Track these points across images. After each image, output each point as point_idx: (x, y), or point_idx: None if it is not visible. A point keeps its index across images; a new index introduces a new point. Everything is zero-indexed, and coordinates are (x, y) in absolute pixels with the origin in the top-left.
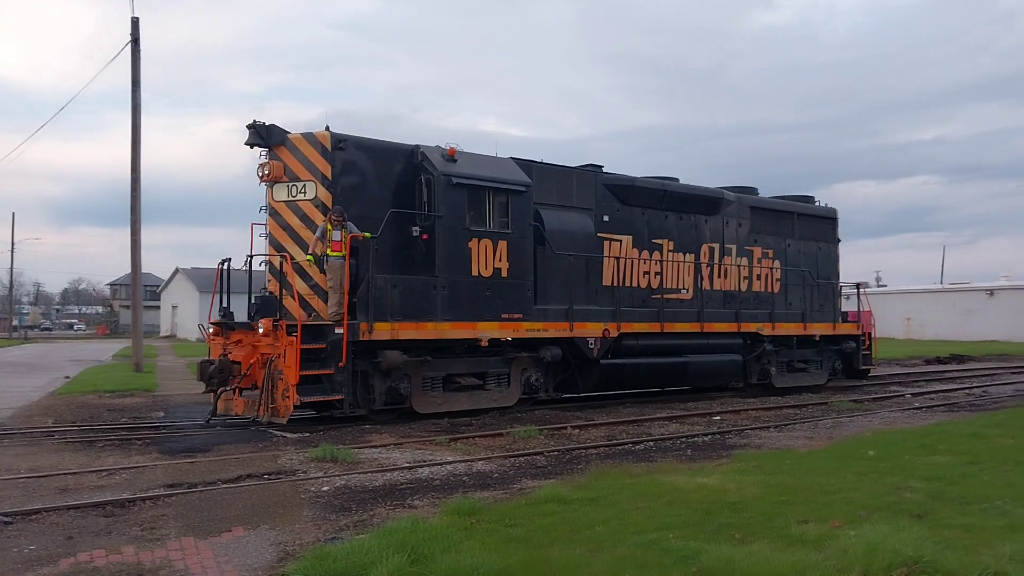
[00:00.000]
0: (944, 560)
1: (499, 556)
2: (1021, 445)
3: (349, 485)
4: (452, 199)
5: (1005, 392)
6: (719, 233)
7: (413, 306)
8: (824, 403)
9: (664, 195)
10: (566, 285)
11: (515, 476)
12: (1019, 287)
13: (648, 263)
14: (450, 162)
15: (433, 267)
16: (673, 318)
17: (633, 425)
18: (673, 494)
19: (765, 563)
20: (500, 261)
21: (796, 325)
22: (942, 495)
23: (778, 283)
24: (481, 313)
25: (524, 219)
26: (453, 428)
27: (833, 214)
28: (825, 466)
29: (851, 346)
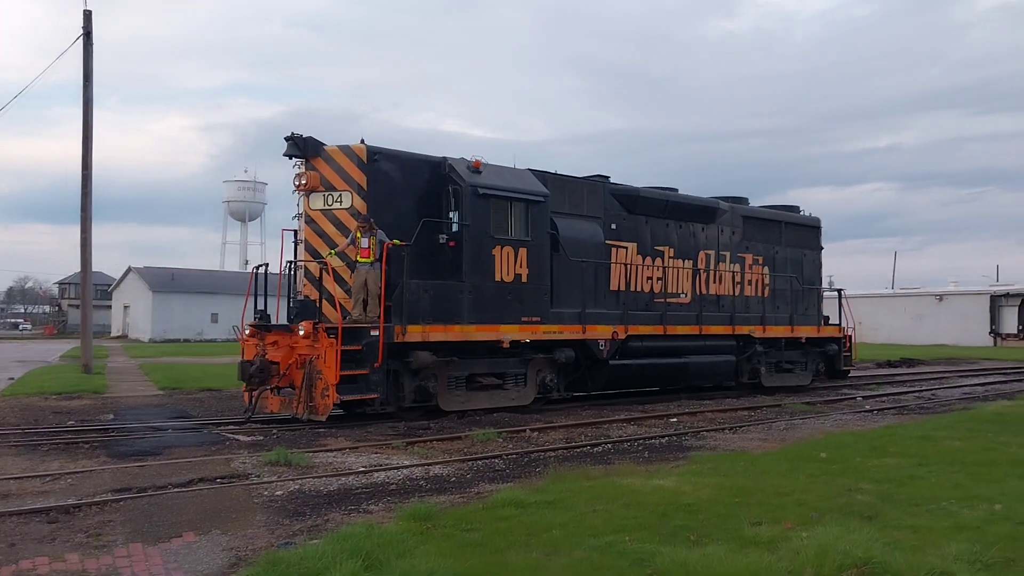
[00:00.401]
0: (893, 561)
1: (455, 561)
2: (968, 447)
3: (303, 489)
4: (478, 209)
5: (953, 395)
6: (715, 241)
7: (442, 310)
8: (777, 405)
9: (666, 205)
10: (579, 290)
11: (473, 480)
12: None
13: (651, 269)
14: (475, 173)
15: (460, 273)
16: (674, 321)
17: (592, 427)
18: (630, 496)
19: (719, 565)
20: (521, 267)
21: (784, 328)
22: (892, 497)
23: (767, 288)
24: (503, 316)
25: (542, 227)
26: (410, 432)
27: (817, 223)
28: (778, 468)
29: (833, 348)
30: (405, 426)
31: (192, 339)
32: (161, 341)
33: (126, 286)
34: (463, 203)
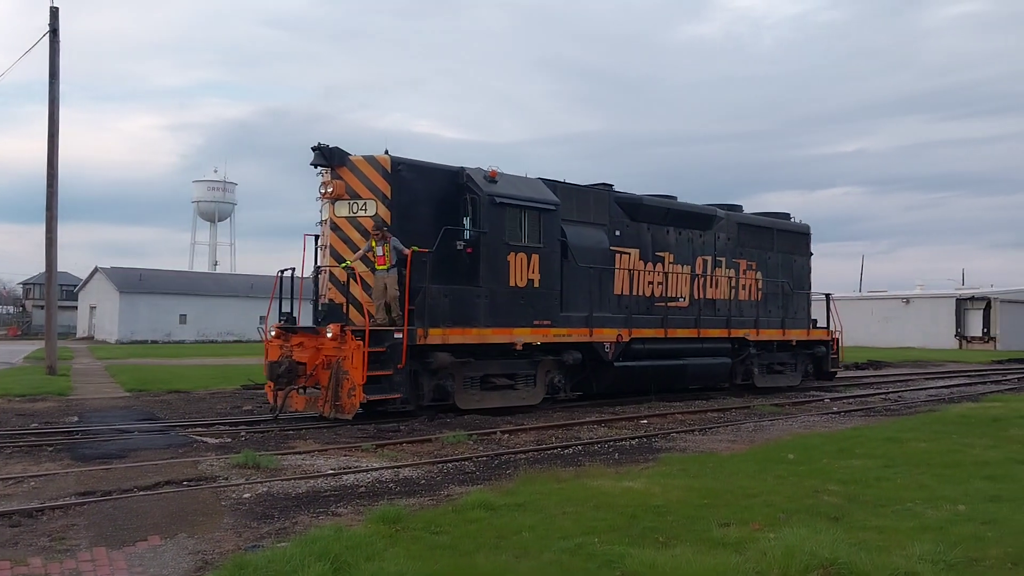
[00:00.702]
0: (858, 561)
1: (424, 564)
2: (933, 449)
3: (271, 492)
4: (494, 217)
5: (919, 397)
6: (711, 247)
7: (460, 313)
8: (746, 407)
9: (667, 212)
10: (586, 294)
11: (443, 482)
12: (933, 296)
13: (652, 274)
14: (491, 183)
15: (477, 278)
16: (675, 324)
17: (562, 429)
18: (600, 498)
19: (687, 566)
20: (533, 273)
21: (776, 331)
22: (858, 498)
23: (760, 292)
24: (517, 320)
25: (553, 234)
26: (380, 434)
27: (807, 230)
28: (746, 469)
29: (822, 351)
30: (375, 428)
31: (160, 340)
32: (128, 342)
33: (92, 286)
34: (480, 211)
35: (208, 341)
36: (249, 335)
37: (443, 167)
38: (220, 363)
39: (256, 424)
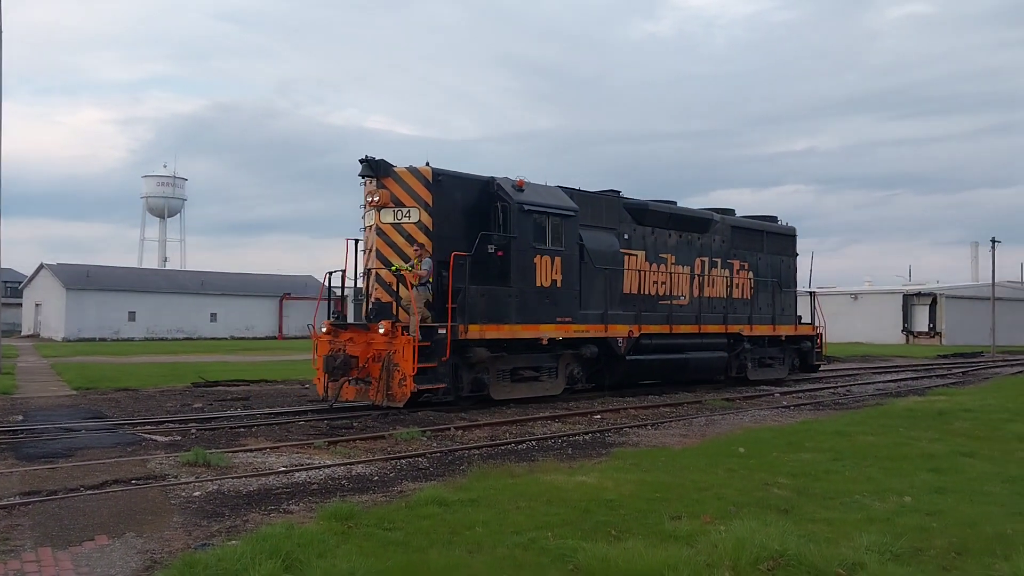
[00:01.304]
0: (807, 553)
1: (376, 560)
2: (881, 442)
3: (222, 490)
4: (522, 223)
5: (867, 391)
6: (708, 248)
7: (494, 311)
8: (698, 402)
9: (669, 216)
10: (602, 293)
11: (396, 479)
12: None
13: (657, 274)
14: (519, 192)
15: (508, 279)
16: (678, 321)
17: (516, 425)
18: (553, 493)
19: (639, 559)
20: (556, 274)
21: (768, 327)
22: (807, 490)
23: (752, 291)
24: (542, 317)
25: (573, 238)
26: (332, 431)
27: (793, 232)
28: (698, 463)
29: (807, 345)
30: (327, 425)
31: (108, 338)
32: (75, 340)
33: (38, 283)
34: (510, 218)
35: (158, 339)
36: (200, 332)
37: (476, 176)
38: (170, 361)
39: (207, 422)
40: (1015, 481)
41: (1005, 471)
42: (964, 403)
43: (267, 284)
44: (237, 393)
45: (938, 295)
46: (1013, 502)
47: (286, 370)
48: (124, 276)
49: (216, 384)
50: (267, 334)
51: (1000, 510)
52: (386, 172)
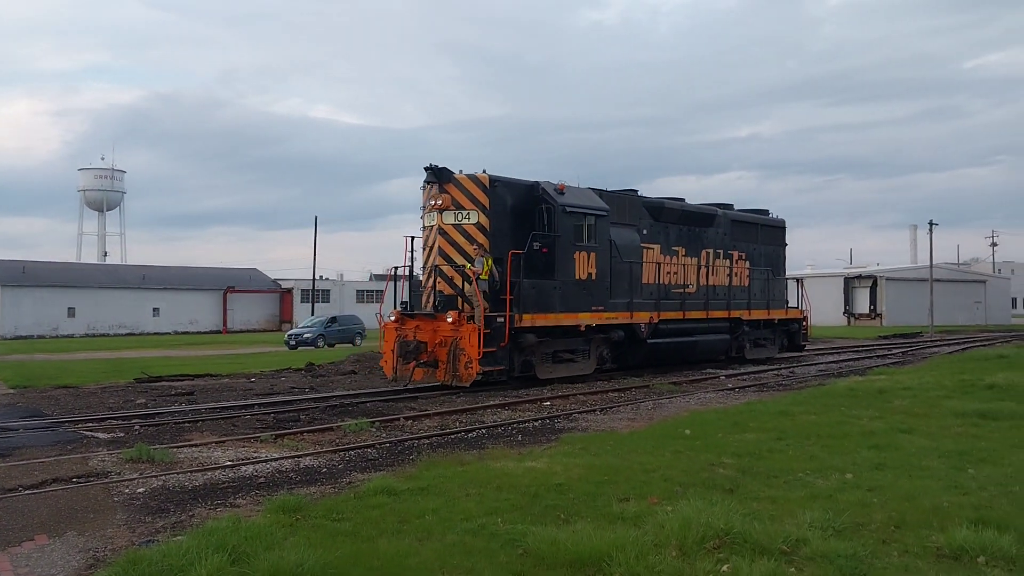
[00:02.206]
0: (752, 530)
1: (324, 551)
2: (822, 421)
3: (167, 486)
4: (564, 222)
5: (810, 372)
6: (712, 241)
7: (542, 302)
8: (646, 386)
9: (681, 213)
10: (627, 284)
11: (344, 470)
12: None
13: (670, 265)
14: (561, 195)
15: (553, 272)
16: (690, 308)
17: (466, 414)
18: (502, 479)
19: (587, 541)
20: (591, 267)
21: (763, 312)
22: (751, 470)
23: (749, 279)
24: (580, 306)
25: (605, 235)
26: (279, 424)
27: (783, 224)
28: (645, 446)
29: (795, 327)
30: (274, 418)
31: (47, 335)
32: (12, 338)
33: None
34: (554, 218)
35: (99, 335)
36: (142, 328)
37: (523, 181)
38: (112, 357)
39: (151, 417)
40: (951, 456)
41: (941, 446)
42: (903, 382)
43: (211, 277)
44: (181, 388)
45: (878, 277)
46: (949, 476)
47: (231, 364)
48: (62, 272)
49: (160, 379)
50: (212, 328)
51: (937, 484)
52: (448, 178)
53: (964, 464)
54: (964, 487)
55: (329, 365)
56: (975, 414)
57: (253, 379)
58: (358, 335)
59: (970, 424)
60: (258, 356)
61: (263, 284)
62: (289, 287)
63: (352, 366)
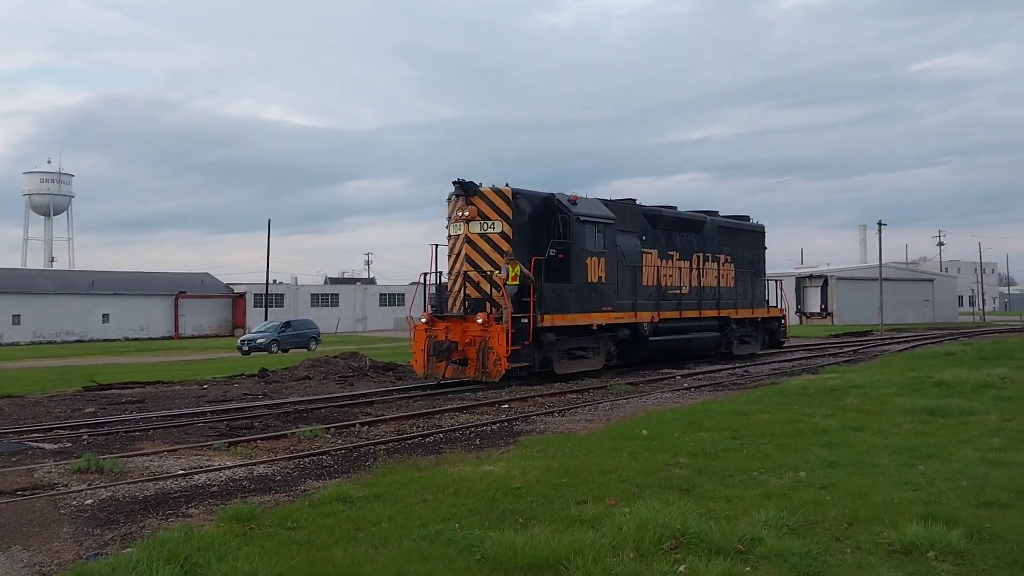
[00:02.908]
0: (708, 530)
1: (278, 560)
2: (776, 419)
3: (116, 496)
4: (577, 231)
5: (763, 371)
6: (702, 245)
7: (560, 303)
8: (603, 387)
9: (675, 220)
10: (631, 286)
11: (299, 478)
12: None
13: (666, 268)
14: (574, 205)
15: (568, 276)
16: (685, 308)
17: (423, 418)
18: (460, 484)
19: (545, 545)
20: (601, 272)
21: (748, 311)
22: (707, 469)
23: (734, 280)
24: (592, 307)
25: (612, 242)
26: (232, 432)
27: (763, 229)
28: (602, 447)
29: (775, 325)
30: (227, 426)
31: None
32: None
33: None
34: (570, 227)
35: (45, 342)
36: (91, 334)
37: (539, 192)
38: (59, 364)
39: (100, 427)
40: (901, 452)
41: (892, 443)
42: (854, 380)
43: (162, 282)
44: (132, 396)
45: (829, 277)
46: (899, 472)
47: (183, 371)
48: (6, 278)
49: (109, 387)
50: (163, 334)
51: (888, 481)
52: (474, 191)
53: (914, 460)
54: (914, 483)
55: (283, 371)
56: (924, 411)
57: (205, 386)
58: (313, 340)
59: (919, 421)
60: (210, 362)
61: (215, 289)
62: (242, 292)
63: (307, 371)
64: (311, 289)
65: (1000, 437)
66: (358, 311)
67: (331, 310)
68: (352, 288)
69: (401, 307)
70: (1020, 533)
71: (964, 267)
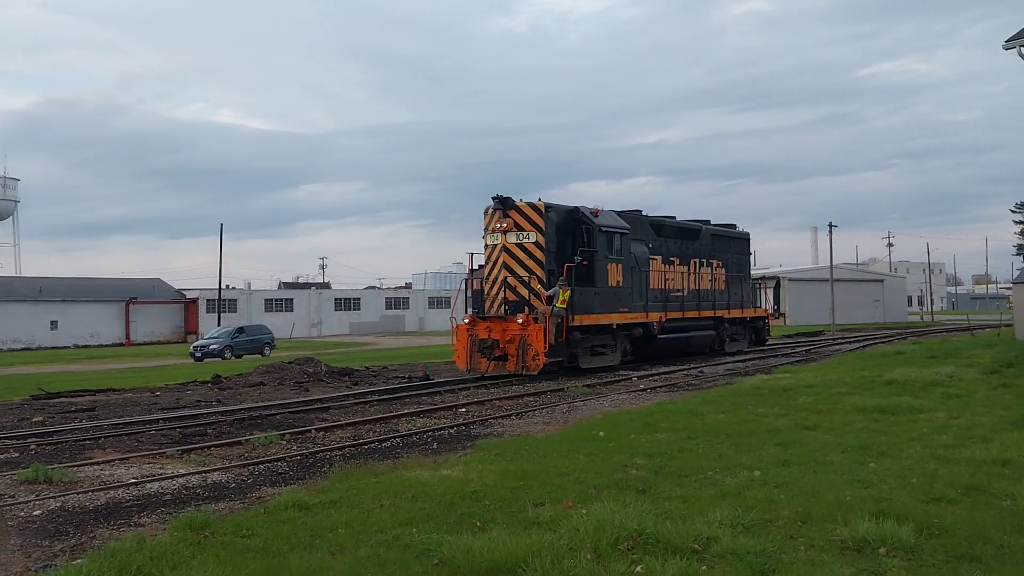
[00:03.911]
0: (664, 530)
1: (233, 569)
2: (730, 419)
3: (66, 507)
4: (599, 240)
5: (718, 371)
6: (698, 251)
7: (586, 305)
8: (560, 389)
9: (676, 229)
10: (642, 290)
11: (254, 485)
12: None
13: (669, 273)
14: (596, 217)
15: (592, 281)
16: (687, 308)
17: (380, 423)
18: (417, 489)
19: (503, 548)
20: (619, 276)
21: (738, 311)
22: (663, 470)
23: (725, 283)
24: (612, 308)
25: (627, 249)
26: (185, 439)
27: (748, 236)
28: (560, 449)
29: (761, 323)
30: (180, 433)
31: None
32: None
33: None
34: (593, 237)
35: None
36: (39, 342)
37: (565, 206)
38: (5, 373)
39: (48, 436)
40: (853, 450)
41: (844, 441)
42: (807, 379)
43: (112, 288)
44: (82, 404)
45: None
46: (851, 470)
47: (135, 378)
48: None
49: (58, 395)
50: (114, 341)
51: (840, 478)
52: (511, 205)
53: (865, 458)
54: (865, 481)
55: (237, 377)
56: (875, 409)
57: (158, 393)
58: (267, 345)
59: (870, 419)
60: (163, 369)
61: (167, 295)
62: (194, 297)
63: (261, 377)
64: (265, 294)
65: (948, 434)
66: (313, 316)
67: (286, 315)
68: (307, 293)
69: (357, 311)
70: (968, 528)
71: (913, 267)
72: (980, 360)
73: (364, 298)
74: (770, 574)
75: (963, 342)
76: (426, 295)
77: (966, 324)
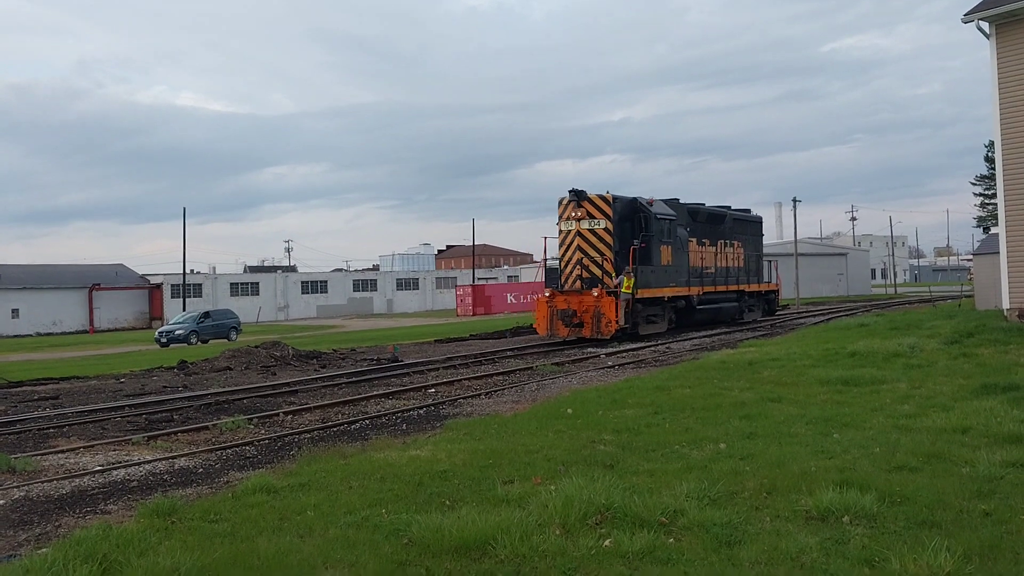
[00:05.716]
0: (631, 504)
1: (201, 554)
2: (696, 394)
3: (30, 496)
4: (655, 226)
5: (685, 347)
6: (723, 233)
7: (644, 281)
8: (529, 368)
9: (708, 214)
10: (685, 267)
11: (221, 469)
12: None
13: (703, 252)
14: (650, 206)
15: (649, 261)
16: (718, 283)
17: (348, 405)
18: (386, 470)
19: (472, 526)
20: (669, 257)
21: (756, 286)
22: (630, 445)
23: (743, 261)
24: (664, 283)
25: (675, 233)
26: (151, 425)
27: (761, 219)
28: (529, 427)
29: (772, 296)
30: (145, 419)
31: None
32: None
33: None
34: (650, 223)
35: None
36: (0, 331)
37: (626, 196)
38: None
39: (11, 425)
40: (817, 422)
41: (808, 413)
42: (771, 353)
43: (74, 275)
44: (45, 392)
45: None
46: (815, 442)
47: (99, 365)
48: None
49: (20, 384)
50: (77, 328)
51: (805, 450)
52: (584, 197)
53: (829, 429)
54: (829, 451)
55: (203, 362)
56: (839, 381)
57: (123, 379)
58: (233, 330)
59: (834, 391)
60: (127, 355)
61: (130, 280)
62: (158, 282)
63: (227, 362)
64: (230, 278)
65: (910, 404)
66: (280, 299)
67: (251, 299)
68: (273, 276)
69: (324, 294)
70: (929, 495)
71: (876, 241)
72: (941, 331)
73: (331, 281)
74: (736, 545)
75: (925, 314)
76: (394, 277)
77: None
